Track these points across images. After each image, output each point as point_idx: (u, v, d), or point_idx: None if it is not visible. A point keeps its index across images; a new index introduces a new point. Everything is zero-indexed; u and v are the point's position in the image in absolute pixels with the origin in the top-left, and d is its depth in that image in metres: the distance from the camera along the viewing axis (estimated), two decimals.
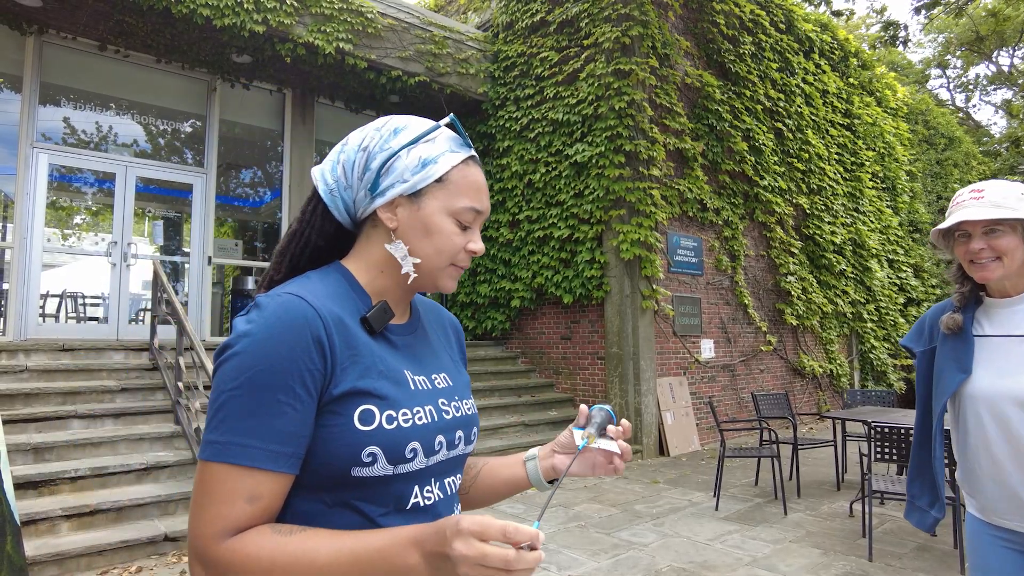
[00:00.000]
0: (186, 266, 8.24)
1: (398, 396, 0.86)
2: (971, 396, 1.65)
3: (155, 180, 8.12)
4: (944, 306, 1.78)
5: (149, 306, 7.40)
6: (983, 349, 1.66)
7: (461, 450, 0.96)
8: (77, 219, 9.45)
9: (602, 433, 1.02)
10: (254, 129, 8.90)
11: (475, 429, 1.00)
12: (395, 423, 0.84)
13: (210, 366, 4.83)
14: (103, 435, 5.00)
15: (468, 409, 0.99)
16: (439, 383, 0.95)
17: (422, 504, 0.89)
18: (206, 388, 5.18)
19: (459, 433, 0.95)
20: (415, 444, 0.85)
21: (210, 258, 8.02)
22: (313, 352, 0.80)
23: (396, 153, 0.89)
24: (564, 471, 1.02)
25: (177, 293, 7.85)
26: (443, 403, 0.93)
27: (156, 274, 6.24)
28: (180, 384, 5.40)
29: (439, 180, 0.90)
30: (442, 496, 0.93)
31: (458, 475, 0.98)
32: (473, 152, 0.95)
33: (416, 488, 0.88)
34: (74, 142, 7.43)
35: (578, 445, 1.02)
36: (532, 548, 0.69)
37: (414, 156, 0.89)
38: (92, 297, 8.84)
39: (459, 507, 1.00)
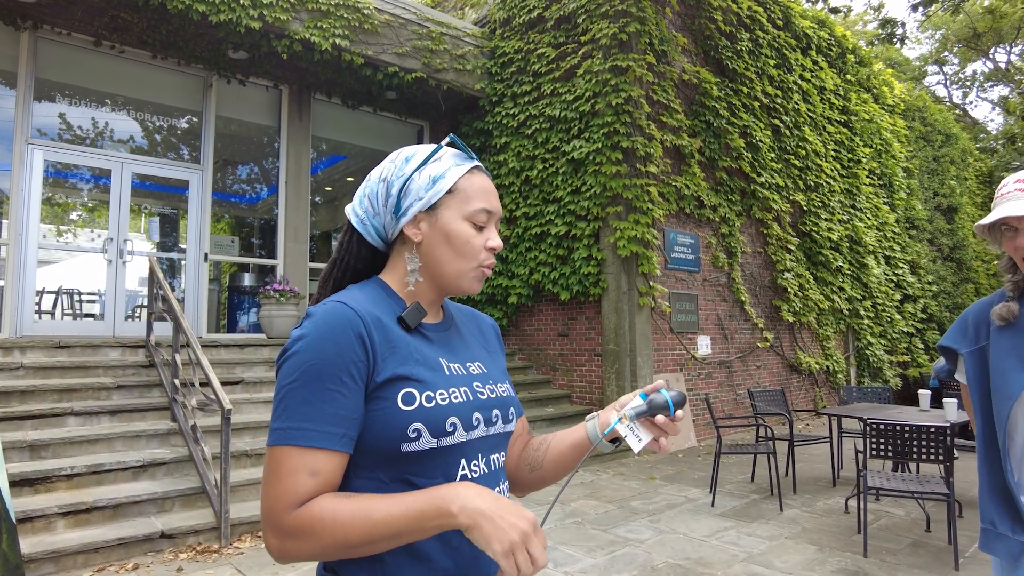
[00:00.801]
0: (183, 263, 8.22)
1: (434, 379, 0.98)
2: None
3: (151, 176, 8.10)
4: (989, 300, 1.63)
5: (145, 303, 7.39)
6: None
7: (500, 428, 1.07)
8: (73, 215, 9.43)
9: (651, 414, 1.03)
10: (250, 125, 8.87)
11: (512, 409, 1.11)
12: (433, 402, 0.96)
13: (206, 363, 4.83)
14: (99, 432, 4.99)
15: (503, 391, 1.10)
16: (473, 370, 1.07)
17: (469, 476, 1.00)
18: (203, 385, 5.18)
19: (495, 412, 1.06)
20: (454, 419, 0.97)
21: (206, 255, 8.00)
22: (356, 346, 0.93)
23: (410, 177, 1.04)
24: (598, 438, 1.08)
25: (174, 290, 7.84)
26: (477, 386, 1.05)
27: (152, 271, 6.23)
28: (176, 381, 5.39)
29: (449, 191, 1.03)
30: (487, 471, 1.04)
31: (501, 453, 1.09)
32: (477, 163, 1.08)
33: (463, 461, 0.99)
34: (69, 138, 7.41)
35: (613, 420, 1.05)
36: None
37: (425, 176, 1.03)
38: (88, 294, 8.81)
39: (505, 483, 1.09)
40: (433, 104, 9.23)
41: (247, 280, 9.08)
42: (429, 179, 1.03)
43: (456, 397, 0.99)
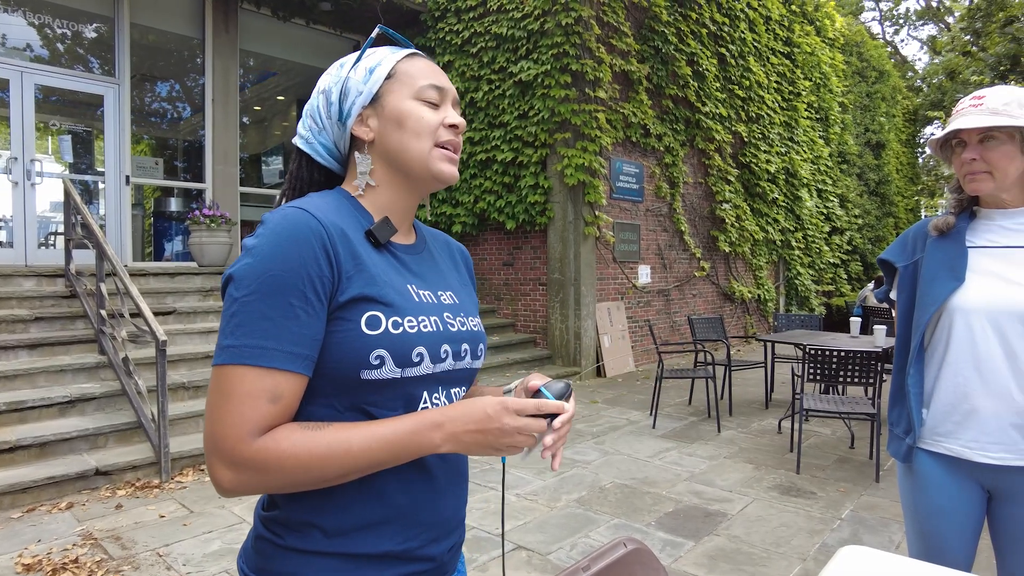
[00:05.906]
0: (100, 186, 7.61)
1: (403, 304, 0.89)
2: (962, 307, 1.52)
3: (58, 90, 7.34)
4: (928, 220, 1.67)
5: (61, 229, 6.84)
6: (978, 259, 1.54)
7: (468, 363, 0.99)
8: None
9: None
10: (171, 36, 8.10)
11: (482, 345, 1.03)
12: (401, 328, 0.87)
13: (136, 292, 4.53)
14: (18, 367, 4.65)
15: (474, 326, 1.02)
16: (445, 299, 0.99)
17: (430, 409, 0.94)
18: (132, 316, 4.88)
19: (465, 346, 0.98)
20: (421, 349, 0.88)
21: (128, 177, 7.43)
22: (321, 259, 0.83)
23: (346, 77, 0.96)
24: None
25: (93, 215, 7.27)
26: (448, 316, 0.96)
27: (68, 194, 5.72)
28: (103, 312, 5.06)
29: (389, 77, 0.95)
30: (448, 404, 0.95)
31: (464, 388, 1.02)
32: (415, 50, 1.00)
33: (425, 394, 0.92)
34: None
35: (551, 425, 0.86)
36: (554, 417, 0.84)
37: (361, 70, 0.95)
38: None
39: None
40: (371, 17, 8.65)
41: (173, 205, 8.52)
42: (365, 71, 0.95)
43: (425, 326, 0.90)
